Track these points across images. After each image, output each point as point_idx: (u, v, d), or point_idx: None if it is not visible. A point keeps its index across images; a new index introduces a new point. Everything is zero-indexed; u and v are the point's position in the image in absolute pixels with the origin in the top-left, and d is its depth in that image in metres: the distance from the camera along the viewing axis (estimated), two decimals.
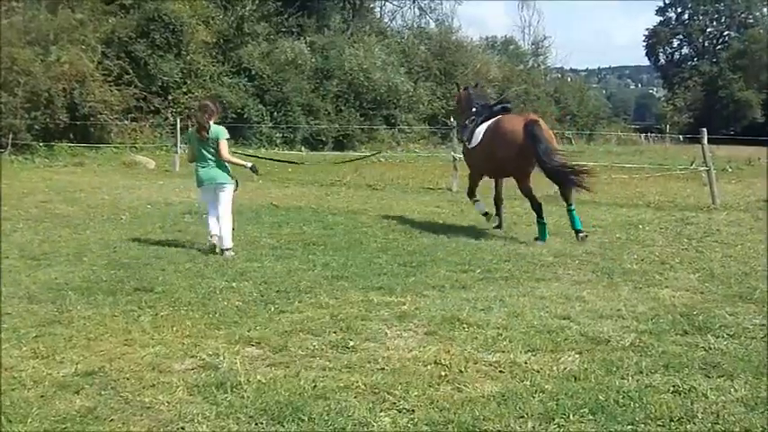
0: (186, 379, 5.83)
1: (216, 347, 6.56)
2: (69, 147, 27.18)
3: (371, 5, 58.97)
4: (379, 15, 59.66)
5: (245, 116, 34.44)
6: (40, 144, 26.76)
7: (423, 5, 58.56)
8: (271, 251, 10.73)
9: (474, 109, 13.83)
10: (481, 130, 13.10)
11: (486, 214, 13.52)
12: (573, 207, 12.13)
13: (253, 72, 36.40)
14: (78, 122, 28.01)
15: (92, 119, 28.40)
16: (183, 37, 33.71)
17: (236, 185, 11.28)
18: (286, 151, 32.38)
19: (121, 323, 7.22)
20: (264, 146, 34.43)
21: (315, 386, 5.68)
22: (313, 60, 39.68)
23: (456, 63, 49.50)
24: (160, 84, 32.65)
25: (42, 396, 5.51)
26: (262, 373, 5.94)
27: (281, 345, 6.62)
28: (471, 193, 13.90)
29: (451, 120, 23.22)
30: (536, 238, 11.94)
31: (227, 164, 11.25)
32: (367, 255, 10.57)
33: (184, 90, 33.50)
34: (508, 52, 68.87)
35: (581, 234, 11.95)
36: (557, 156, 11.96)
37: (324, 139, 37.12)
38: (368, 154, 27.91)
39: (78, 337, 6.79)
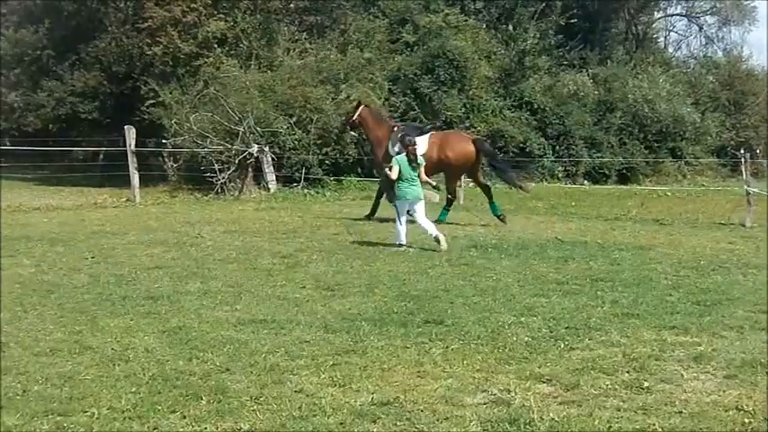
0: (479, 413, 5.87)
1: (507, 383, 6.56)
2: (357, 181, 28.21)
3: (655, 35, 57.53)
4: (663, 45, 58.06)
5: (526, 149, 34.39)
6: (331, 178, 27.94)
7: (710, 34, 56.47)
8: (557, 286, 10.62)
9: (396, 127, 18.20)
10: (419, 143, 16.17)
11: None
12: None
13: (535, 105, 36.30)
14: (365, 157, 29.02)
15: None
16: (467, 72, 34.17)
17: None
18: (569, 185, 32.03)
19: (413, 355, 7.37)
20: (546, 179, 34.23)
21: (610, 427, 5.57)
22: (596, 93, 39.09)
23: (746, 93, 47.26)
24: (444, 118, 33.19)
25: (341, 423, 5.71)
26: (554, 411, 5.89)
27: (572, 383, 6.53)
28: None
29: (741, 151, 22.68)
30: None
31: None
32: (657, 292, 10.25)
33: (467, 124, 33.85)
34: None
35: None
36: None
37: (607, 172, 36.39)
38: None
39: (373, 367, 6.99)
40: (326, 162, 28.23)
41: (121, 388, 6.38)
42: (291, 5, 35.03)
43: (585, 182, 35.10)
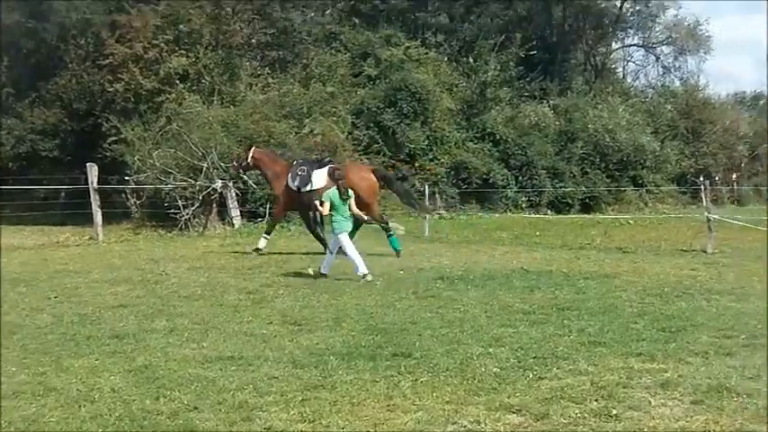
0: None
1: (477, 414, 6.57)
2: None
3: (614, 66, 58.24)
4: (621, 75, 58.73)
5: (489, 181, 34.59)
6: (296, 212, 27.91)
7: (666, 64, 57.14)
8: (524, 316, 10.65)
9: (295, 161, 19.53)
10: (319, 176, 18.08)
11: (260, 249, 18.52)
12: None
13: (497, 137, 36.53)
14: None
15: None
16: (429, 105, 34.37)
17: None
18: (532, 215, 32.18)
19: (383, 388, 7.35)
20: (510, 210, 34.42)
21: None
22: (557, 123, 39.46)
23: (704, 121, 47.95)
24: (407, 151, 33.37)
25: None
26: None
27: (542, 412, 6.55)
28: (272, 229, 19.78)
29: (700, 178, 23.19)
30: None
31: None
32: (623, 320, 10.31)
33: (430, 157, 34.08)
34: (758, 108, 65.84)
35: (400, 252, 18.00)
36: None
37: (570, 201, 36.64)
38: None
39: (342, 402, 6.96)
40: None
41: (87, 429, 6.30)
42: (253, 41, 35.15)
43: (549, 211, 35.32)
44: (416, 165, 33.59)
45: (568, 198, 36.82)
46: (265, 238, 19.01)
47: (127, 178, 27.27)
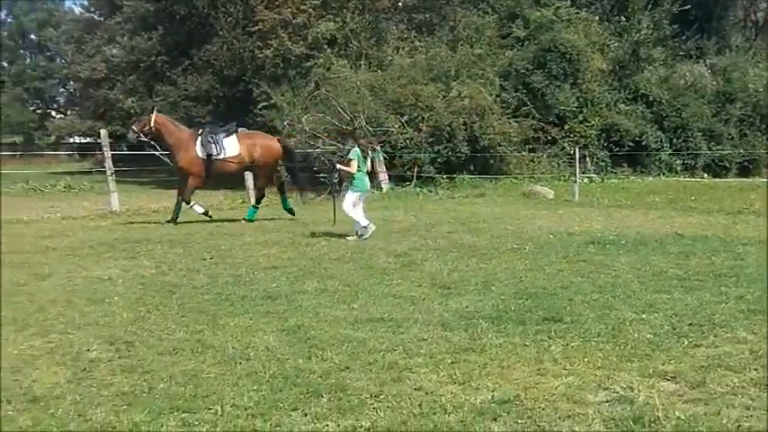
0: (601, 411, 5.76)
1: (630, 381, 6.41)
2: (470, 178, 28.09)
3: None
4: None
5: (643, 143, 33.74)
6: (443, 176, 27.89)
7: None
8: (679, 282, 10.34)
9: (201, 129, 19.00)
10: (231, 143, 18.51)
11: (206, 213, 18.57)
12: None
13: (650, 98, 35.53)
14: (478, 154, 28.90)
15: (491, 151, 29.18)
16: (579, 66, 33.70)
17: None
18: (687, 179, 31.31)
19: (532, 352, 7.27)
20: (664, 173, 33.56)
21: (739, 426, 5.41)
22: (714, 83, 38.09)
23: None
24: (557, 113, 32.85)
25: (462, 421, 5.66)
26: (680, 410, 5.73)
27: (698, 380, 6.35)
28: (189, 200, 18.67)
29: None
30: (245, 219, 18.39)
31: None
32: None
33: (580, 119, 33.46)
34: None
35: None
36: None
37: (727, 164, 35.45)
38: None
39: (492, 365, 6.91)
40: (438, 160, 28.21)
41: (243, 386, 6.45)
42: (400, 4, 35.21)
43: (705, 175, 34.24)
44: (566, 127, 33.05)
45: (726, 161, 35.63)
46: (194, 210, 18.62)
47: None
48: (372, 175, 26.36)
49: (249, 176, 23.83)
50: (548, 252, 12.96)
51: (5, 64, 79.02)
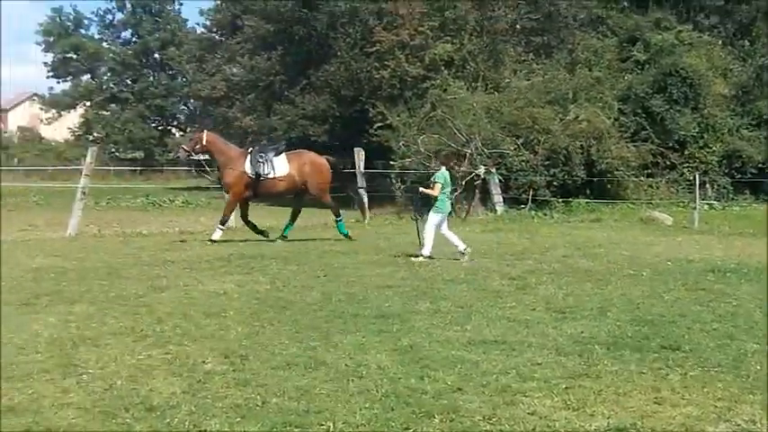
0: None
1: (752, 413, 6.23)
2: (586, 202, 27.72)
3: None
4: None
5: (766, 170, 32.82)
6: (558, 200, 27.58)
7: None
8: None
9: (252, 149, 18.85)
10: (281, 163, 18.42)
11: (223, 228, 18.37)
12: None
13: None
14: (595, 179, 28.52)
15: (608, 175, 28.77)
16: (701, 90, 33.03)
17: None
18: None
19: (650, 380, 7.10)
20: None
21: None
22: None
23: None
24: (676, 138, 32.23)
25: None
26: None
27: None
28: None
29: None
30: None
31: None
32: None
33: (701, 144, 32.74)
34: None
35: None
36: None
37: None
38: None
39: (607, 392, 6.78)
40: (554, 183, 27.92)
41: (355, 403, 6.46)
42: (518, 26, 35.09)
43: None
44: (686, 153, 32.39)
45: None
46: (220, 229, 18.42)
47: (392, 163, 27.94)
48: (487, 197, 26.44)
49: (365, 197, 24.07)
50: (666, 279, 12.66)
51: (129, 81, 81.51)
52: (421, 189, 15.89)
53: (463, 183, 25.64)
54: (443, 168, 15.39)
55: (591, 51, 33.76)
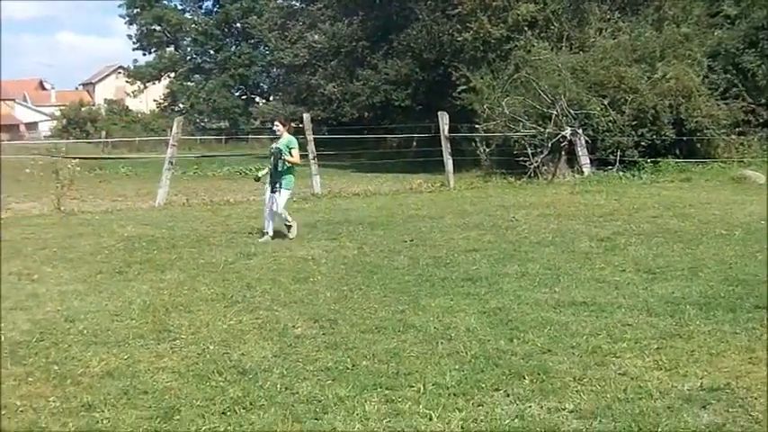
0: None
1: None
2: (675, 162, 27.18)
3: None
4: None
5: None
6: (647, 160, 27.09)
7: None
8: None
9: None
10: None
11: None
12: None
13: None
14: (684, 138, 27.93)
15: (698, 134, 28.14)
16: None
17: None
18: None
19: (743, 340, 7.02)
20: None
21: None
22: None
23: None
24: None
25: (669, 408, 5.54)
26: None
27: None
28: None
29: None
30: None
31: None
32: None
33: None
34: None
35: None
36: None
37: None
38: None
39: (700, 352, 6.72)
40: (642, 144, 27.39)
41: (445, 365, 6.50)
42: None
43: None
44: None
45: None
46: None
47: (476, 126, 27.74)
48: (574, 158, 26.13)
49: (450, 161, 23.99)
50: (759, 238, 12.36)
51: (212, 51, 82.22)
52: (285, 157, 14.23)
53: (549, 144, 25.37)
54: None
55: (679, 7, 32.83)
